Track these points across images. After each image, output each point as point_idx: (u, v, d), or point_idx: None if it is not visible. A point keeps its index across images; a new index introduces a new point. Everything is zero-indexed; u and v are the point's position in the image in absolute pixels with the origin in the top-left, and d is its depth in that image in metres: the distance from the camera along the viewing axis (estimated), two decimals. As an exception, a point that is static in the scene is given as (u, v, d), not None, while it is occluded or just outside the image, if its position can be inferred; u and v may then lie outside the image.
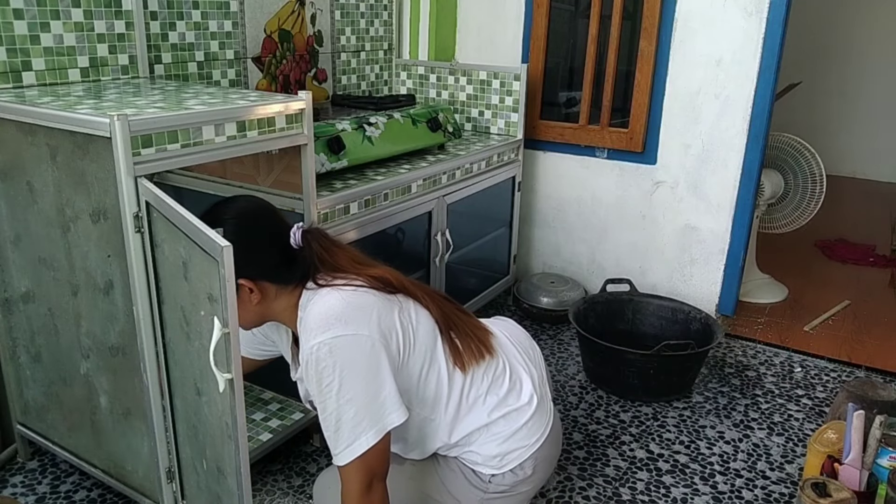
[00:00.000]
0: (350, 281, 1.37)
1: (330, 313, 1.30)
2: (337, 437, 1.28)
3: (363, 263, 1.43)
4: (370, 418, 1.27)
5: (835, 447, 1.71)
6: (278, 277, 1.38)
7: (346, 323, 1.29)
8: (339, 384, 1.26)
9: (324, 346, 1.27)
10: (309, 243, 1.40)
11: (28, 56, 1.74)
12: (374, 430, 1.27)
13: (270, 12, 2.40)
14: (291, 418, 1.91)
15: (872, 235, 4.03)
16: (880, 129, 5.35)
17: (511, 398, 1.49)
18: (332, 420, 1.28)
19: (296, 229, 1.39)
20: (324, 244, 1.41)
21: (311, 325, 1.31)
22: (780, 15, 2.43)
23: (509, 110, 2.80)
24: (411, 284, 1.44)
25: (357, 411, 1.27)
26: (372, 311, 1.32)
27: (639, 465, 2.01)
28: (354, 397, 1.26)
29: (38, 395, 1.77)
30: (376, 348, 1.29)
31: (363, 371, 1.28)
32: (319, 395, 1.29)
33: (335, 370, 1.26)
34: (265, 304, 1.40)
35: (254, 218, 1.40)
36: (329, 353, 1.26)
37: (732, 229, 2.69)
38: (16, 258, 1.64)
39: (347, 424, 1.27)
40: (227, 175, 1.89)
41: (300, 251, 1.39)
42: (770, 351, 2.70)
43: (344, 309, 1.31)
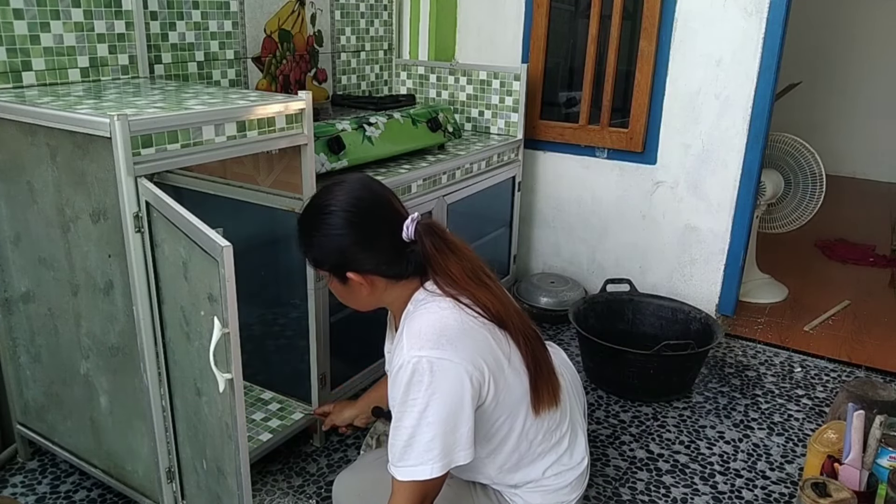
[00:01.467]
0: (462, 294, 1.30)
1: (444, 331, 1.25)
2: (405, 452, 1.24)
3: (474, 278, 1.32)
4: (441, 449, 1.23)
5: (835, 447, 1.71)
6: (388, 272, 1.32)
7: (455, 348, 1.24)
8: (426, 404, 1.22)
9: (426, 361, 1.21)
10: (422, 239, 1.31)
11: (28, 56, 1.74)
12: (440, 463, 1.23)
13: (270, 12, 2.40)
14: (291, 418, 1.91)
15: (872, 235, 4.03)
16: (880, 129, 5.35)
17: (566, 456, 1.45)
18: (405, 435, 1.24)
19: (409, 222, 1.30)
20: (437, 244, 1.31)
21: (421, 334, 1.25)
22: (780, 15, 2.43)
23: (509, 110, 2.80)
24: (511, 315, 1.34)
25: (433, 438, 1.22)
26: (480, 346, 1.27)
27: (639, 465, 2.01)
28: (435, 423, 1.22)
29: (38, 395, 1.77)
30: (471, 384, 1.25)
31: (452, 402, 1.23)
32: (402, 404, 1.24)
33: (428, 389, 1.22)
34: (375, 295, 1.35)
35: (367, 209, 1.32)
36: (429, 370, 1.21)
37: (732, 229, 2.69)
38: (16, 258, 1.64)
39: (419, 447, 1.23)
40: (227, 175, 1.89)
41: (412, 244, 1.31)
42: (770, 351, 2.70)
43: (458, 332, 1.26)
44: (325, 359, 1.92)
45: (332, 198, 1.31)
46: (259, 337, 2.08)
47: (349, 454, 1.99)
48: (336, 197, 1.31)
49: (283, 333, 2.04)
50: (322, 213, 1.31)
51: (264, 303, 2.07)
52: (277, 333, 2.06)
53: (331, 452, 1.99)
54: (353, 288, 1.34)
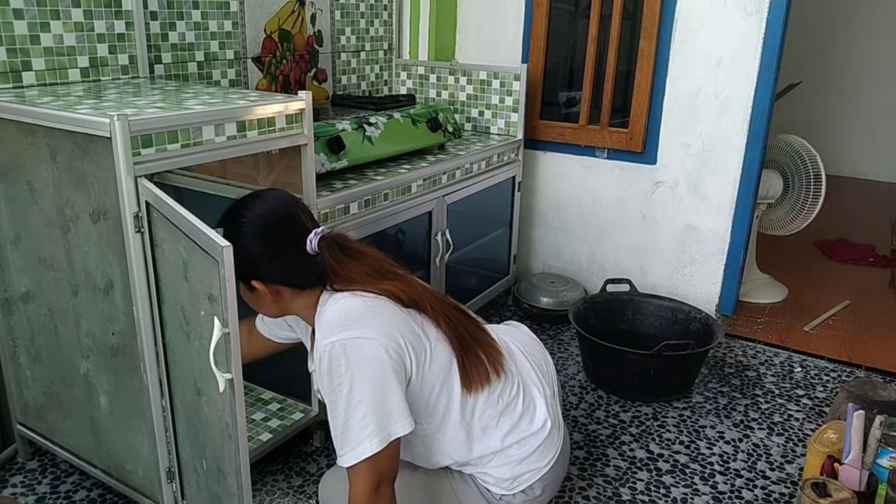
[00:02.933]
0: (366, 290, 1.36)
1: (349, 314, 1.31)
2: (344, 437, 1.28)
3: (377, 275, 1.38)
4: (376, 424, 1.26)
5: (835, 447, 1.71)
6: (293, 281, 1.38)
7: (363, 326, 1.29)
8: (350, 385, 1.26)
9: (338, 344, 1.27)
10: (323, 252, 1.37)
11: (28, 56, 1.74)
12: (378, 437, 1.26)
13: (270, 12, 2.40)
14: (291, 418, 1.91)
15: (872, 235, 4.03)
16: (880, 129, 5.35)
17: (524, 422, 1.47)
18: (340, 420, 1.28)
19: (313, 236, 1.36)
20: (335, 256, 1.37)
21: (329, 322, 1.31)
22: (780, 15, 2.43)
23: (509, 110, 2.80)
24: (425, 299, 1.40)
25: (364, 415, 1.26)
26: (390, 320, 1.32)
27: (639, 465, 2.01)
28: (363, 400, 1.26)
29: (38, 395, 1.77)
30: (389, 356, 1.29)
31: (374, 376, 1.27)
32: (330, 393, 1.28)
33: (347, 370, 1.26)
34: (280, 304, 1.41)
35: (275, 222, 1.38)
36: (343, 352, 1.26)
37: (732, 229, 2.69)
38: (16, 258, 1.64)
39: (355, 427, 1.26)
40: (227, 175, 1.89)
41: (317, 257, 1.37)
42: (770, 351, 2.70)
43: (363, 311, 1.31)
44: (325, 359, 1.92)
45: (245, 209, 1.37)
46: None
47: (349, 454, 1.99)
48: (248, 209, 1.37)
49: (283, 333, 2.04)
50: (234, 222, 1.37)
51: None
52: (277, 333, 2.06)
53: (331, 452, 1.99)
54: (259, 295, 1.39)
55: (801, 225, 3.00)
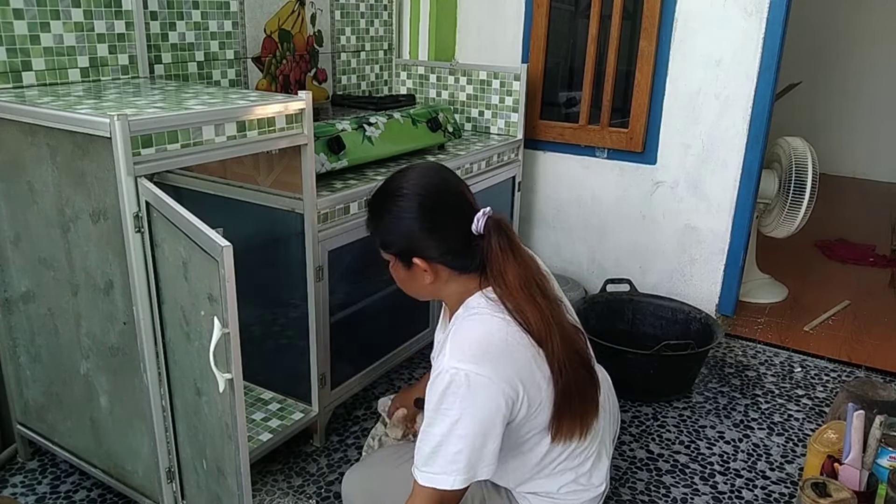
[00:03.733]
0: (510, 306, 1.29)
1: (488, 348, 1.24)
2: (431, 458, 1.23)
3: (525, 289, 1.30)
4: (467, 462, 1.22)
5: (835, 447, 1.71)
6: (454, 263, 1.31)
7: (494, 367, 1.23)
8: (459, 417, 1.21)
9: (464, 375, 1.21)
10: (490, 235, 1.29)
11: (28, 56, 1.74)
12: (462, 476, 1.22)
13: (270, 12, 2.40)
14: (291, 418, 1.91)
15: (872, 235, 4.03)
16: (880, 129, 5.35)
17: (584, 479, 1.43)
18: (434, 442, 1.23)
19: (481, 215, 1.29)
20: (503, 244, 1.30)
21: (464, 344, 1.24)
22: (780, 15, 2.43)
23: (509, 110, 2.80)
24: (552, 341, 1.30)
25: (460, 450, 1.22)
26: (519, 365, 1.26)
27: (639, 465, 2.01)
28: (465, 437, 1.22)
29: (38, 395, 1.77)
30: (505, 405, 1.24)
31: (484, 418, 1.22)
32: (435, 412, 1.24)
33: (463, 402, 1.21)
34: (436, 285, 1.34)
35: (440, 196, 1.31)
36: (466, 384, 1.21)
37: (732, 229, 2.69)
38: (16, 258, 1.64)
39: (445, 456, 1.22)
40: (227, 175, 1.89)
41: (479, 238, 1.30)
42: (770, 351, 2.70)
43: (500, 352, 1.25)
44: (325, 359, 1.92)
45: (406, 182, 1.31)
46: (259, 337, 2.08)
47: (349, 454, 1.99)
48: (409, 181, 1.31)
49: (283, 333, 2.04)
50: (395, 195, 1.30)
51: (264, 303, 2.07)
52: (277, 333, 2.06)
53: (331, 452, 1.99)
54: (416, 275, 1.33)
55: (791, 228, 2.96)
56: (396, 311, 2.30)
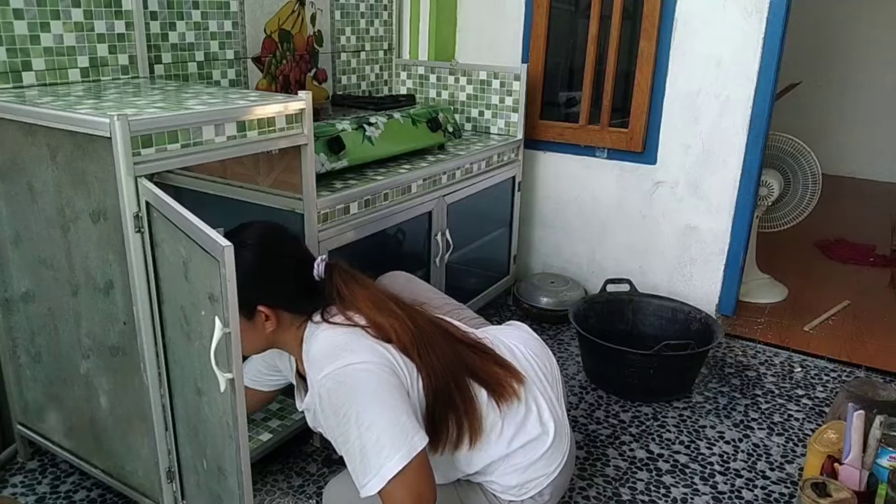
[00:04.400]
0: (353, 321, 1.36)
1: (336, 344, 1.31)
2: (364, 466, 1.24)
3: (380, 308, 1.38)
4: (393, 442, 1.23)
5: (835, 447, 1.71)
6: (296, 307, 1.39)
7: (352, 352, 1.29)
8: (357, 411, 1.24)
9: (332, 376, 1.27)
10: (331, 276, 1.40)
11: (28, 56, 1.74)
12: (399, 454, 1.23)
13: (270, 12, 2.40)
14: (291, 418, 1.91)
15: (872, 235, 4.03)
16: (880, 129, 5.35)
17: (529, 426, 1.44)
18: (357, 450, 1.24)
19: (320, 261, 1.40)
20: (345, 278, 1.40)
21: (318, 358, 1.31)
22: (780, 15, 2.43)
23: (509, 110, 2.80)
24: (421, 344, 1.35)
25: (379, 436, 1.23)
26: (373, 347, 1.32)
27: (639, 465, 2.01)
28: (374, 423, 1.23)
29: (38, 395, 1.77)
30: (386, 374, 1.28)
31: (377, 396, 1.25)
32: (338, 426, 1.26)
33: (349, 398, 1.25)
34: (277, 333, 1.40)
35: (279, 244, 1.40)
36: (340, 383, 1.26)
37: (732, 229, 2.69)
38: (16, 258, 1.64)
39: (372, 451, 1.23)
40: (227, 175, 1.89)
41: (320, 283, 1.39)
42: (770, 351, 2.70)
43: (348, 339, 1.32)
44: (325, 359, 1.92)
45: (246, 234, 1.39)
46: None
47: (349, 454, 1.99)
48: (249, 233, 1.39)
49: (283, 333, 2.04)
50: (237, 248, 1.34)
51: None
52: (277, 333, 2.06)
53: (331, 452, 1.99)
54: (258, 325, 1.39)
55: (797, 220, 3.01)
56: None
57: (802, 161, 2.96)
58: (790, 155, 2.98)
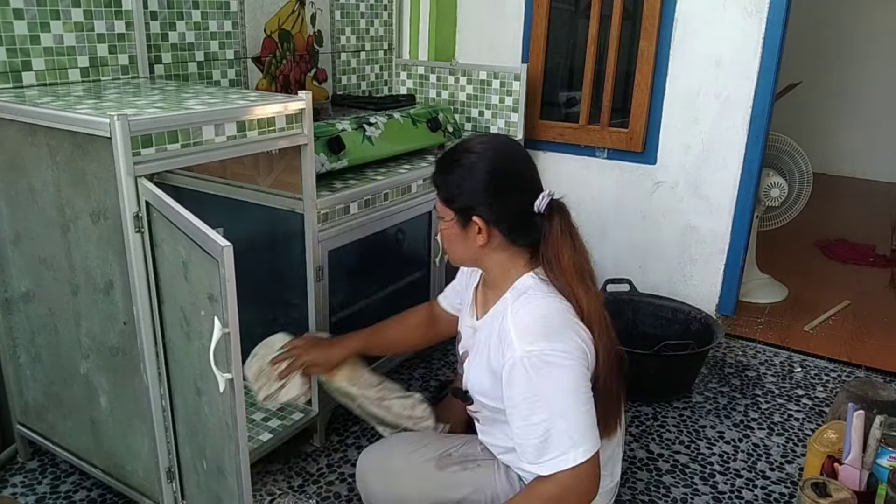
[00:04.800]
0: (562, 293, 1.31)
1: (549, 323, 1.26)
2: (543, 446, 1.23)
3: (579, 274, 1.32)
4: (581, 433, 1.23)
5: (835, 447, 1.71)
6: (511, 231, 1.32)
7: (563, 338, 1.25)
8: (554, 395, 1.23)
9: (540, 355, 1.23)
10: (551, 216, 1.32)
11: (28, 56, 1.74)
12: (583, 447, 1.22)
13: (270, 12, 2.40)
14: (291, 418, 1.91)
15: (872, 235, 4.03)
16: (880, 129, 5.35)
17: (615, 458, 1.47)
18: (539, 431, 1.23)
19: (546, 194, 1.32)
20: (563, 226, 1.33)
21: (529, 327, 1.26)
22: (780, 15, 2.43)
23: (509, 110, 2.80)
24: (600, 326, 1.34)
25: (570, 425, 1.22)
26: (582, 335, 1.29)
27: (639, 465, 2.01)
28: (567, 410, 1.22)
29: (38, 395, 1.77)
30: (583, 368, 1.26)
31: (574, 387, 1.24)
32: (525, 401, 1.24)
33: (550, 381, 1.23)
34: (485, 250, 1.34)
35: (513, 164, 1.34)
36: (546, 363, 1.22)
37: (732, 229, 2.69)
38: (16, 258, 1.64)
39: (558, 437, 1.22)
40: (227, 175, 1.89)
41: (538, 217, 1.32)
42: (770, 351, 2.70)
43: (562, 322, 1.27)
44: (325, 359, 1.92)
45: (483, 144, 1.33)
46: (259, 337, 2.07)
47: (349, 454, 1.99)
48: (486, 143, 1.34)
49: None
50: (470, 151, 1.32)
51: (264, 303, 2.06)
52: (277, 333, 2.06)
53: (331, 452, 1.99)
54: (470, 235, 1.33)
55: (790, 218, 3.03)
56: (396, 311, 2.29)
57: (798, 159, 2.97)
58: (786, 154, 2.98)
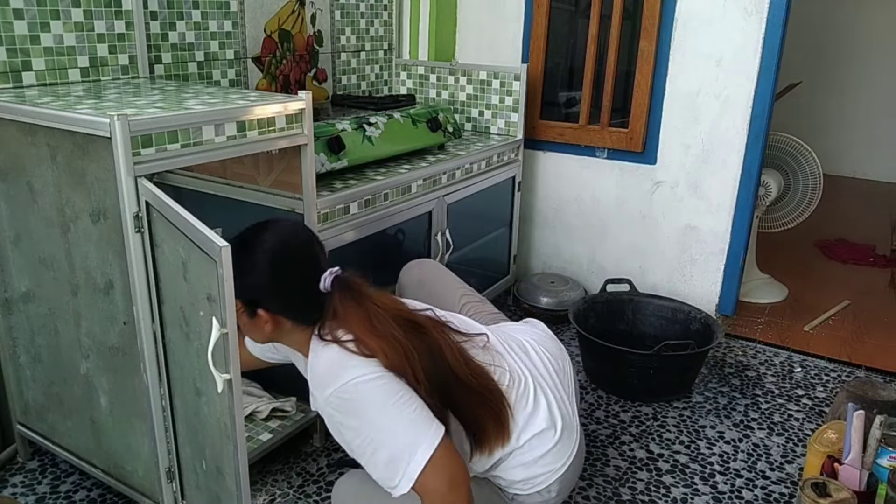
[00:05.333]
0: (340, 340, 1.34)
1: (333, 362, 1.31)
2: (391, 470, 1.24)
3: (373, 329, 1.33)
4: (413, 439, 1.24)
5: (835, 447, 1.71)
6: (298, 317, 1.39)
7: (351, 367, 1.28)
8: (368, 421, 1.25)
9: (335, 395, 1.27)
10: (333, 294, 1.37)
11: (28, 56, 1.74)
12: (421, 448, 1.23)
13: (270, 12, 2.40)
14: (291, 418, 1.91)
15: (872, 235, 4.03)
16: (880, 129, 5.35)
17: (537, 420, 1.44)
18: (379, 458, 1.25)
19: (328, 274, 1.37)
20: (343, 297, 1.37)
21: (321, 379, 1.32)
22: (780, 15, 2.43)
23: (509, 110, 2.80)
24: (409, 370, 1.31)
25: (397, 439, 1.24)
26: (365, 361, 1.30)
27: (639, 465, 2.01)
28: (387, 428, 1.24)
29: (38, 395, 1.77)
30: (384, 380, 1.27)
31: (384, 402, 1.26)
32: (354, 440, 1.27)
33: (357, 411, 1.26)
34: (277, 334, 1.42)
35: (293, 256, 1.39)
36: (345, 399, 1.27)
37: (732, 229, 2.69)
38: (16, 258, 1.64)
39: (394, 454, 1.24)
40: (227, 175, 1.89)
41: (326, 295, 1.38)
42: (770, 351, 2.70)
43: (346, 357, 1.31)
44: (324, 359, 1.92)
45: (262, 237, 1.38)
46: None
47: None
48: (265, 236, 1.38)
49: (283, 333, 2.04)
50: (248, 249, 1.36)
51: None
52: (277, 333, 2.06)
53: (331, 452, 1.99)
54: (258, 323, 1.39)
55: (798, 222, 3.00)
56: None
57: (802, 161, 2.97)
58: (790, 155, 2.98)
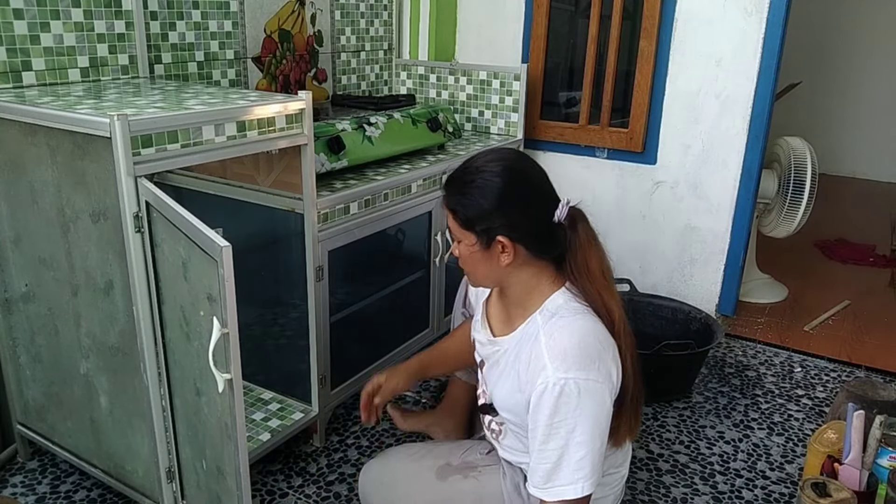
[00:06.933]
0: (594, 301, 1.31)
1: (588, 350, 1.26)
2: (553, 473, 1.24)
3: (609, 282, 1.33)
4: (591, 466, 1.24)
5: (835, 447, 1.71)
6: (536, 246, 1.31)
7: (598, 369, 1.25)
8: (576, 425, 1.23)
9: (574, 383, 1.22)
10: (573, 225, 1.30)
11: (28, 56, 1.74)
12: (590, 481, 1.24)
13: (270, 12, 2.40)
14: (291, 418, 1.91)
15: (872, 235, 4.03)
16: (880, 129, 5.35)
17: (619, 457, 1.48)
18: (553, 457, 1.24)
19: (564, 204, 1.30)
20: (588, 233, 1.31)
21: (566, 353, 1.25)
22: (780, 15, 2.43)
23: (509, 110, 2.80)
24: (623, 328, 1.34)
25: (583, 456, 1.23)
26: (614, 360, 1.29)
27: (639, 465, 2.01)
28: (584, 442, 1.23)
29: (38, 395, 1.77)
30: (610, 400, 1.27)
31: (599, 420, 1.25)
32: (548, 427, 1.24)
33: (576, 410, 1.23)
34: (510, 269, 1.32)
35: (525, 175, 1.32)
36: (577, 392, 1.22)
37: (732, 229, 2.69)
38: (16, 258, 1.64)
39: (569, 466, 1.23)
40: (227, 175, 1.89)
41: (559, 228, 1.30)
42: (770, 351, 2.70)
43: (599, 351, 1.27)
44: (325, 359, 1.92)
45: (493, 160, 1.31)
46: (259, 337, 2.08)
47: (349, 454, 1.99)
48: (496, 159, 1.31)
49: (283, 333, 2.04)
50: (483, 171, 1.30)
51: (264, 303, 2.07)
52: (277, 333, 2.06)
53: (331, 452, 1.99)
54: (494, 255, 1.31)
55: (790, 229, 2.95)
56: (396, 311, 2.30)
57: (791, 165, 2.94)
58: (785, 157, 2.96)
